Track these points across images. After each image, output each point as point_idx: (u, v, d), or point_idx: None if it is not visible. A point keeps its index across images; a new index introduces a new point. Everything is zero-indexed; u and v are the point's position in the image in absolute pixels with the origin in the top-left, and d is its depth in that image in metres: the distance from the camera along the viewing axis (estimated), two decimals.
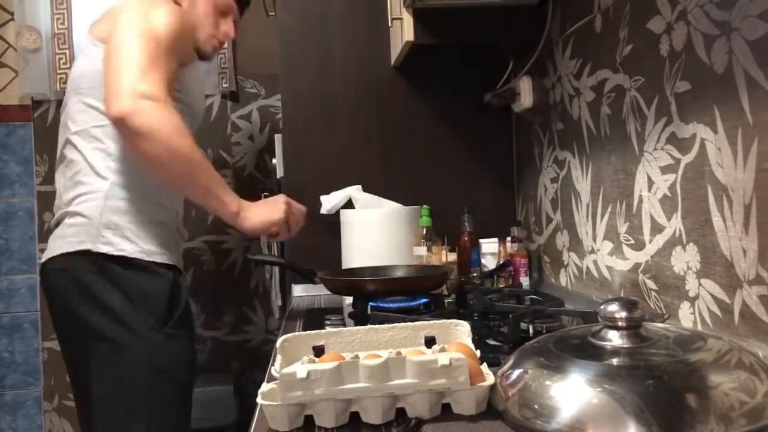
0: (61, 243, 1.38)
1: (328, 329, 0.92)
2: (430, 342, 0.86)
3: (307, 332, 0.91)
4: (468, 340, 0.88)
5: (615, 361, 0.69)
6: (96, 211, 1.36)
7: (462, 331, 0.91)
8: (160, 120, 1.27)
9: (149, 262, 1.36)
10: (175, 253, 1.44)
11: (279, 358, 0.85)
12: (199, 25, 1.52)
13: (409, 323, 0.92)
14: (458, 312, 1.31)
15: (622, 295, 1.30)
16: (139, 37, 1.32)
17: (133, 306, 1.34)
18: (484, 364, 0.79)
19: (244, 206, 1.38)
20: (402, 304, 1.36)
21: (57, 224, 1.42)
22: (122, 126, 1.27)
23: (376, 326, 0.92)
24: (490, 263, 1.71)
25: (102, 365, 1.35)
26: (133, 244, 1.36)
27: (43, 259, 1.42)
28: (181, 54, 1.42)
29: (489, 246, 1.72)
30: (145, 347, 1.33)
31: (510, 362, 0.77)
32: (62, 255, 1.37)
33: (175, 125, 1.29)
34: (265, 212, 1.41)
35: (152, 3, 1.40)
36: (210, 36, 1.55)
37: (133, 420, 1.33)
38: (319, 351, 0.84)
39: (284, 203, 1.44)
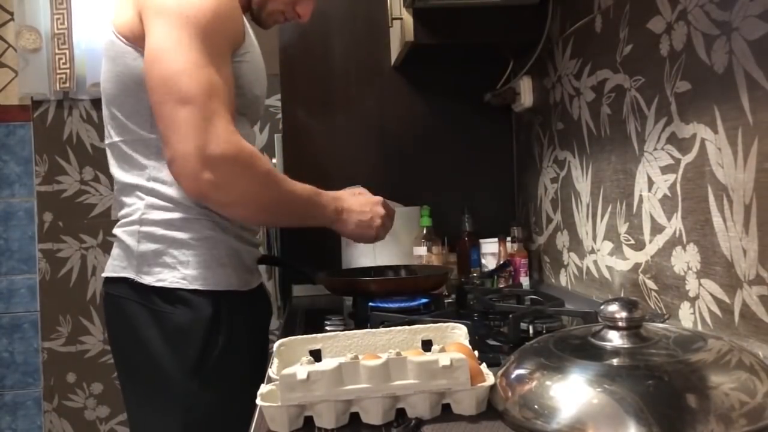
0: (109, 263, 1.27)
1: (325, 333, 0.92)
2: (426, 345, 0.86)
3: (304, 336, 0.91)
4: (465, 342, 0.88)
5: (615, 361, 0.69)
6: (133, 237, 1.21)
7: (459, 333, 0.91)
8: (245, 182, 1.13)
9: (191, 291, 1.19)
10: (229, 268, 1.24)
11: (276, 361, 0.85)
12: None
13: (406, 327, 0.92)
14: (458, 312, 1.31)
15: (622, 295, 1.30)
16: (186, 41, 1.10)
17: (169, 347, 1.19)
18: (484, 364, 0.79)
19: (341, 217, 1.31)
20: (402, 305, 1.36)
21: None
22: (202, 202, 1.17)
23: (373, 330, 0.92)
24: (490, 263, 1.71)
25: (138, 402, 1.26)
26: (173, 270, 1.19)
27: (103, 274, 1.31)
28: (238, 29, 1.21)
29: (489, 246, 1.72)
30: (178, 396, 1.19)
31: (510, 362, 0.77)
32: (109, 278, 1.26)
33: (261, 177, 1.16)
34: (363, 224, 1.33)
35: None
36: (279, 12, 1.34)
37: None
38: (315, 355, 0.83)
39: (382, 214, 1.35)
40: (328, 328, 1.26)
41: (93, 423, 2.59)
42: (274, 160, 2.11)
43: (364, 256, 1.66)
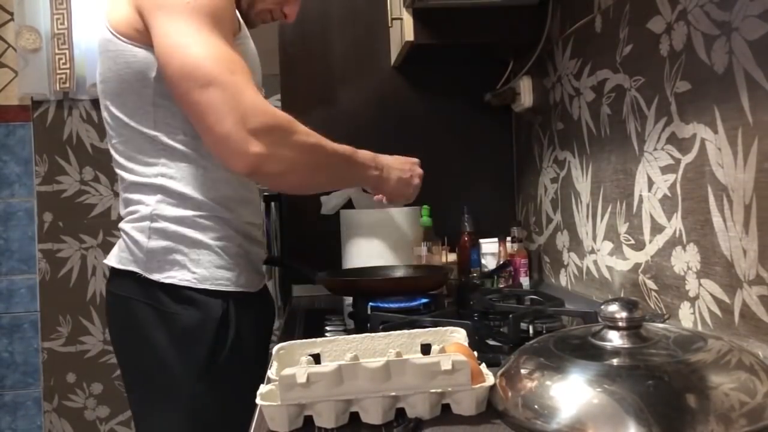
0: (115, 253, 1.26)
1: (325, 334, 0.92)
2: (426, 349, 0.86)
3: (303, 340, 0.91)
4: (465, 344, 0.88)
5: (615, 361, 0.69)
6: (143, 234, 1.19)
7: (458, 337, 0.91)
8: (291, 148, 1.12)
9: (201, 290, 1.18)
10: (239, 269, 1.23)
11: (275, 364, 0.85)
12: None
13: (405, 330, 0.92)
14: (458, 312, 1.30)
15: (622, 295, 1.30)
16: (195, 28, 1.09)
17: (177, 349, 1.18)
18: (484, 364, 0.79)
19: (383, 175, 1.35)
20: (402, 305, 1.36)
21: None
22: (253, 177, 1.15)
23: (372, 334, 0.92)
24: (490, 263, 1.71)
25: (144, 404, 1.25)
26: (183, 268, 1.18)
27: (105, 261, 1.30)
28: (234, 17, 1.23)
29: (489, 246, 1.72)
30: (185, 397, 1.18)
31: (510, 362, 0.77)
32: (115, 270, 1.25)
33: (305, 141, 1.15)
34: (403, 181, 1.40)
35: None
36: (266, 11, 1.34)
37: None
38: (315, 358, 0.83)
39: (420, 174, 1.43)
40: (328, 328, 1.26)
41: (93, 423, 2.59)
42: None
43: (363, 256, 1.66)
